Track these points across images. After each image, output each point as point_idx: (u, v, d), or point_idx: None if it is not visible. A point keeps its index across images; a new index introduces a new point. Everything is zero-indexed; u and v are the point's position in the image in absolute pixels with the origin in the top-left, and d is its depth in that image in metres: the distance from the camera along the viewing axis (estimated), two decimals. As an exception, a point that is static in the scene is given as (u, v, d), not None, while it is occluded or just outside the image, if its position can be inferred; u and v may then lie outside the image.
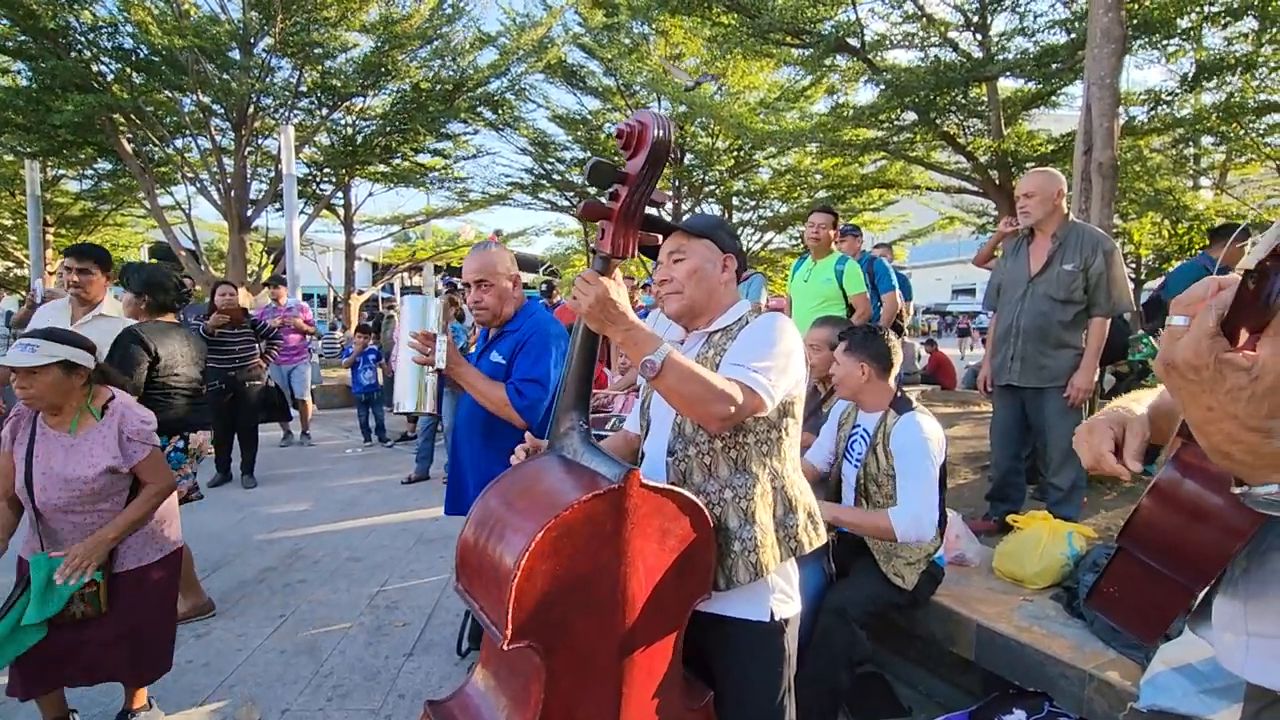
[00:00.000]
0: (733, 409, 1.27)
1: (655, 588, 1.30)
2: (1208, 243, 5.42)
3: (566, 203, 15.19)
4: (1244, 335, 0.62)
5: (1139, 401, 0.96)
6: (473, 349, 2.56)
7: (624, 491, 1.23)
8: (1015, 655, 2.31)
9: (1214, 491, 0.74)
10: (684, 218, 1.70)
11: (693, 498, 1.34)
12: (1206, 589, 0.88)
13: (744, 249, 1.66)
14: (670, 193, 14.16)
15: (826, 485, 2.68)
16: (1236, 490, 0.65)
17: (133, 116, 10.40)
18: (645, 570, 1.28)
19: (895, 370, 2.45)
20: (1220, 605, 0.87)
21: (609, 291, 1.26)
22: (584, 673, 1.26)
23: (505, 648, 1.16)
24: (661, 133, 1.22)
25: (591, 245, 1.40)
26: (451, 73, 12.37)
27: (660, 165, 1.26)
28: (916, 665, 2.82)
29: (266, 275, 12.38)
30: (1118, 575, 0.88)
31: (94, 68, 10.02)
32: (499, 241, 2.41)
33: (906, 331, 6.61)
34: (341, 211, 15.13)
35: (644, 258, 1.60)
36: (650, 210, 1.38)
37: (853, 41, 7.70)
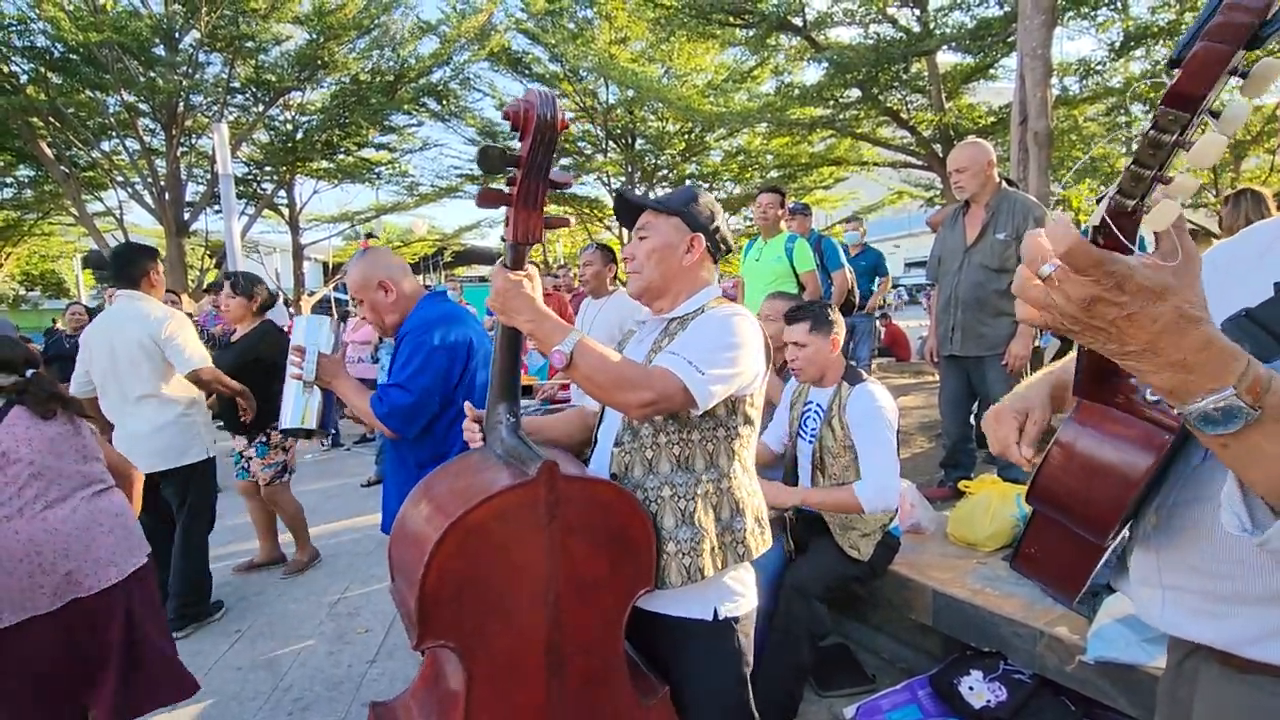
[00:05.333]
0: (651, 397, 1.21)
1: (586, 583, 1.24)
2: None
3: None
4: None
5: (1041, 381, 0.97)
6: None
7: (540, 484, 1.17)
8: (970, 618, 2.37)
9: (1107, 444, 0.75)
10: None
11: (619, 487, 1.29)
12: (1124, 544, 0.90)
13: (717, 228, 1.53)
14: (613, 176, 14.09)
15: (783, 464, 2.71)
16: (1192, 407, 0.60)
17: (51, 119, 9.87)
18: (573, 565, 1.23)
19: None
20: (1136, 559, 0.89)
21: (508, 282, 1.24)
22: (510, 675, 1.21)
23: (414, 647, 1.13)
24: (546, 112, 1.18)
25: (501, 236, 1.36)
26: (392, 63, 12.05)
27: (550, 145, 1.22)
28: (879, 633, 2.88)
29: (210, 280, 11.93)
30: (1035, 535, 0.89)
31: (5, 68, 9.45)
32: (369, 247, 2.36)
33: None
34: (286, 211, 14.64)
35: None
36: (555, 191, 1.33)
37: (795, 20, 7.73)
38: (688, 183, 14.54)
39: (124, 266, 3.20)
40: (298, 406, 2.08)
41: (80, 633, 1.94)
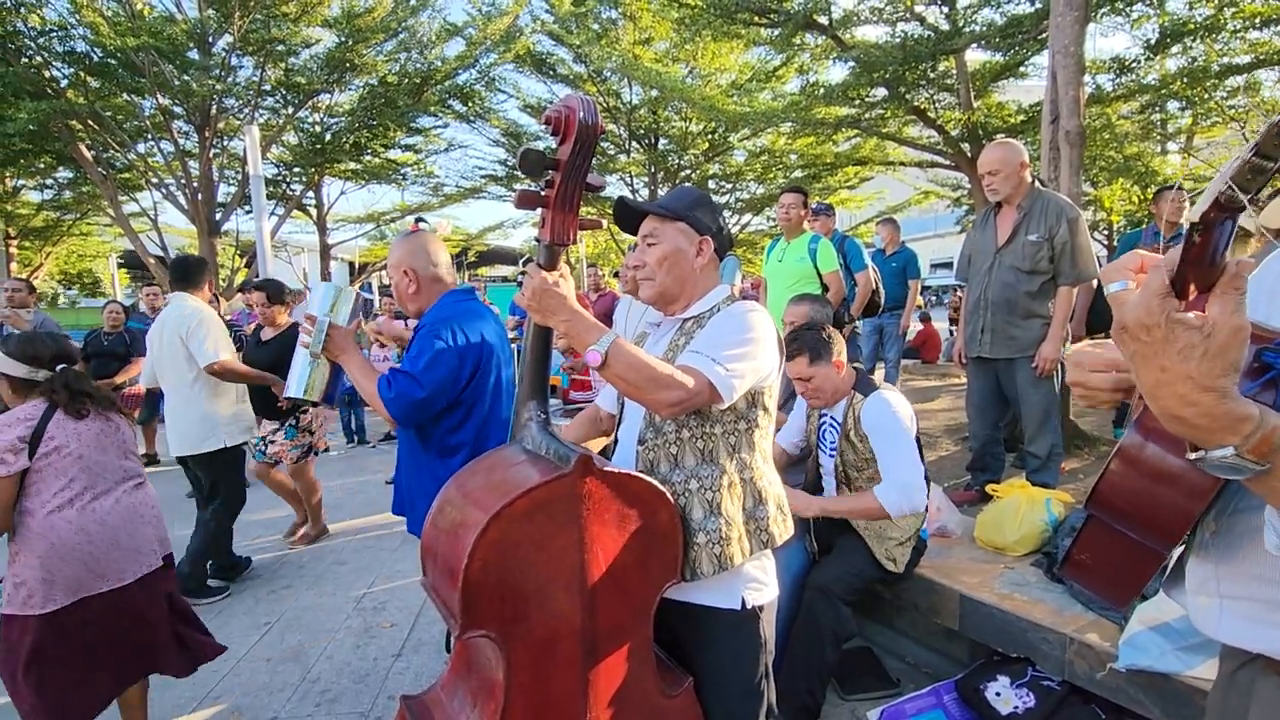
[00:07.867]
0: (682, 395, 1.24)
1: (618, 573, 1.28)
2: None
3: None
4: (1194, 293, 0.61)
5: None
6: None
7: (576, 477, 1.21)
8: (998, 623, 2.33)
9: (1175, 454, 0.73)
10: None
11: (650, 481, 1.31)
12: (1179, 552, 0.88)
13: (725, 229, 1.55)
14: (632, 177, 14.10)
15: (805, 476, 2.68)
16: (1192, 456, 0.64)
17: (90, 122, 10.13)
18: (606, 556, 1.26)
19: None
20: (1193, 568, 0.86)
21: (544, 282, 1.26)
22: (547, 661, 1.24)
23: (457, 638, 1.16)
24: (588, 117, 1.22)
25: (534, 236, 1.38)
26: (419, 66, 12.17)
27: (590, 149, 1.25)
28: (903, 637, 2.85)
29: (240, 279, 12.17)
30: (1089, 542, 0.88)
31: (46, 73, 9.72)
32: (418, 230, 2.18)
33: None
34: (314, 211, 14.89)
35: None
36: (597, 193, 1.37)
37: (821, 19, 7.66)
38: (710, 184, 14.51)
39: (182, 273, 3.70)
40: (302, 376, 1.98)
41: (129, 613, 2.06)
